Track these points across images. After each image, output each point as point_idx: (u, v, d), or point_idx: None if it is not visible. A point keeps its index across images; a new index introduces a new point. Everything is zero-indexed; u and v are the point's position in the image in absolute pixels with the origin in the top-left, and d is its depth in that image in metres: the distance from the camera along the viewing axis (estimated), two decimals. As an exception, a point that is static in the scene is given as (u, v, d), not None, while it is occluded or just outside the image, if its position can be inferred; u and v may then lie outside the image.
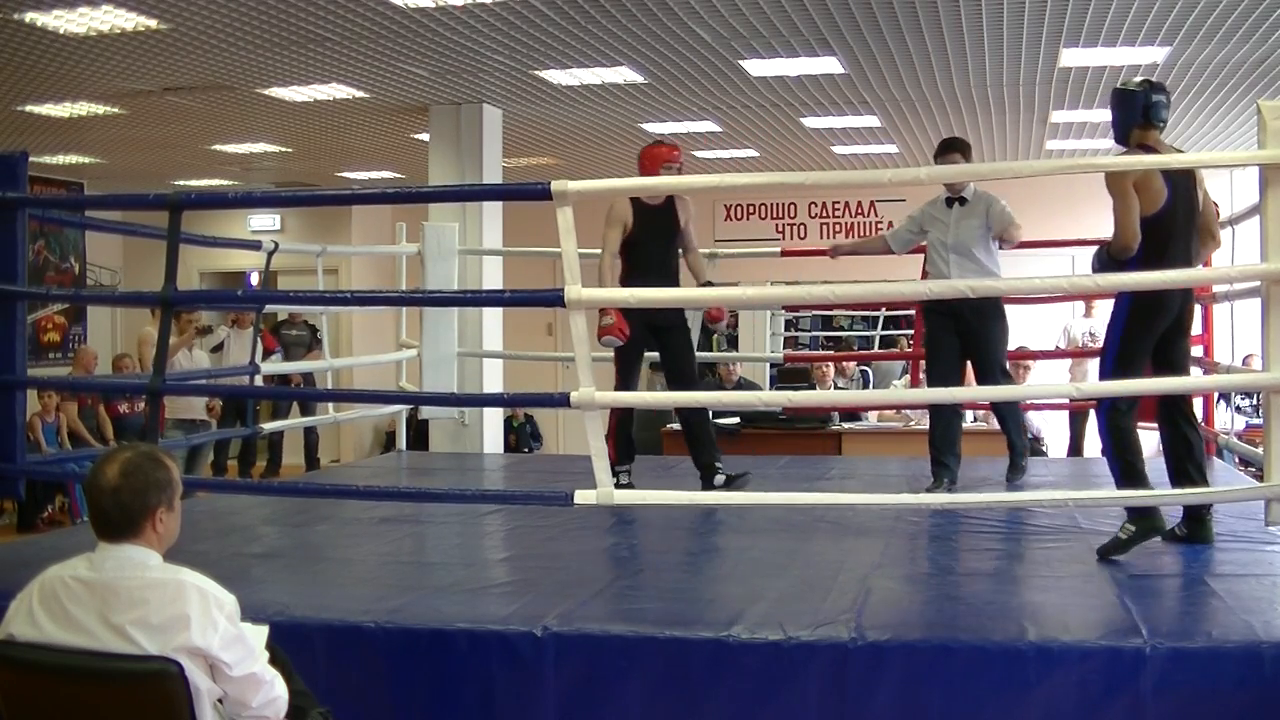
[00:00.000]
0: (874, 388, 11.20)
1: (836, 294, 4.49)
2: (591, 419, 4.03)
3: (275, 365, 10.00)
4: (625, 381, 5.90)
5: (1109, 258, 4.38)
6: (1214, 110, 10.09)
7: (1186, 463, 4.52)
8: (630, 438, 6.15)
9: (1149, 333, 4.40)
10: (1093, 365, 9.33)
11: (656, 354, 6.09)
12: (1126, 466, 4.40)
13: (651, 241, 5.77)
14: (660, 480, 6.33)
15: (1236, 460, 7.87)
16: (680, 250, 5.99)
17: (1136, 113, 4.45)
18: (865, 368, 11.76)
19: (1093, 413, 5.59)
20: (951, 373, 5.98)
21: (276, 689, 2.64)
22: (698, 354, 8.82)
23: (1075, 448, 10.47)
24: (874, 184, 11.99)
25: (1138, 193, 4.29)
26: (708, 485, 5.78)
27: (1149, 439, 6.53)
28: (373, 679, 3.60)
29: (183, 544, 2.74)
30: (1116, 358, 4.41)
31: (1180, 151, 4.56)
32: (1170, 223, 4.35)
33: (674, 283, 5.79)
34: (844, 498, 5.01)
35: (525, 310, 12.35)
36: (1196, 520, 4.56)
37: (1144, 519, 4.36)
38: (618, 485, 5.64)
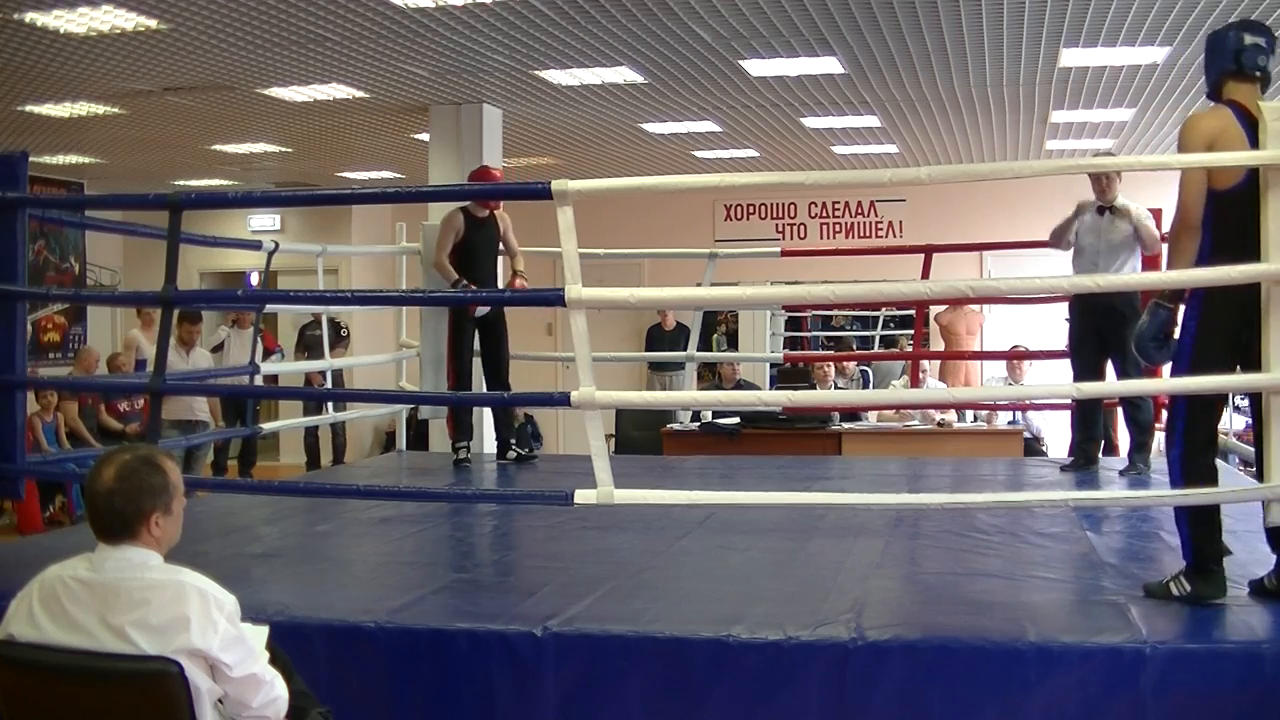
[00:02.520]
0: (874, 388, 11.20)
1: (837, 293, 4.47)
2: (591, 418, 4.02)
3: (275, 365, 9.99)
4: (459, 368, 6.98)
5: (1170, 250, 3.74)
6: (1214, 110, 10.09)
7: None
8: (468, 416, 7.28)
9: (1226, 333, 3.69)
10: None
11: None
12: (1198, 518, 3.72)
13: (480, 247, 6.95)
14: (660, 480, 6.32)
15: (1237, 461, 7.87)
16: (509, 253, 7.24)
17: (1226, 59, 3.70)
18: (865, 368, 11.76)
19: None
20: (1088, 369, 6.30)
21: (277, 689, 2.63)
22: (697, 354, 8.89)
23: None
24: (874, 183, 12.02)
25: None
26: (501, 457, 7.23)
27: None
28: (373, 679, 3.60)
29: (183, 544, 2.74)
30: (1191, 369, 3.70)
31: None
32: (1248, 201, 3.62)
33: (495, 282, 7.28)
34: (844, 498, 5.01)
35: (525, 311, 12.35)
36: None
37: (1206, 580, 3.70)
38: (458, 461, 6.86)
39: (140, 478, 2.60)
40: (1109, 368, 6.49)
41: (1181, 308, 3.79)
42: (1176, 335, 3.79)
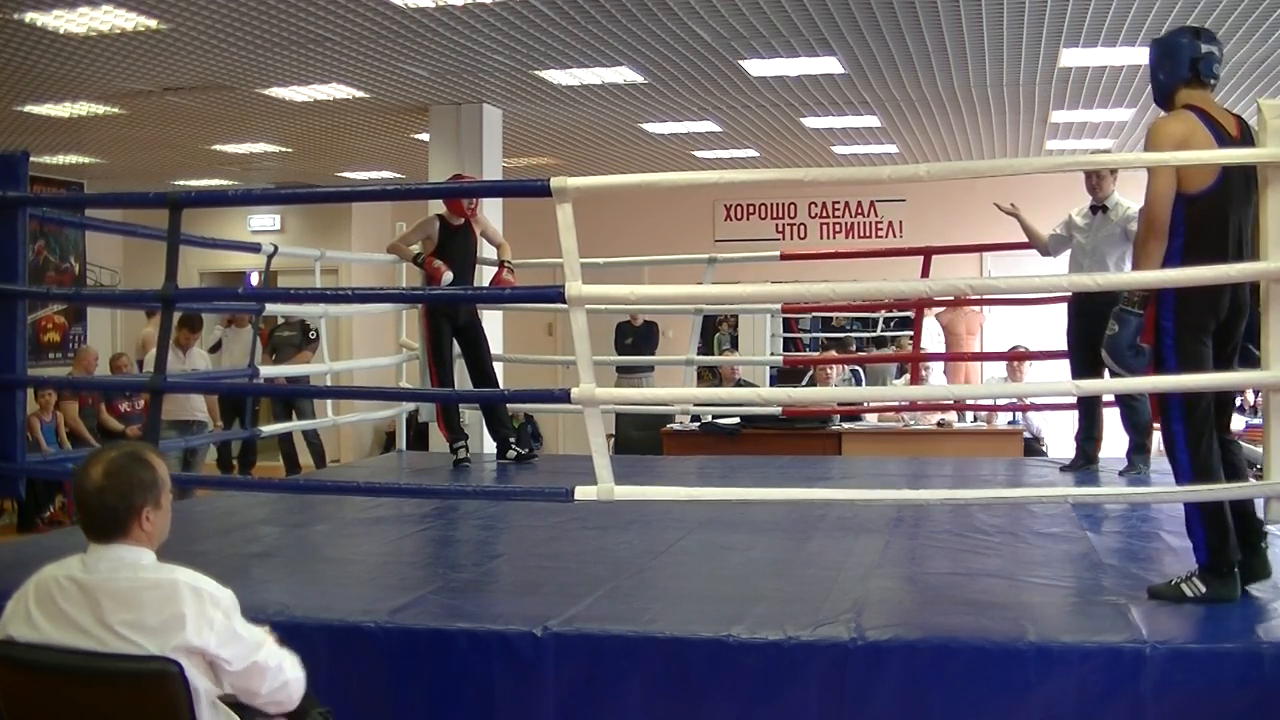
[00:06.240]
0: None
1: (837, 291, 4.47)
2: (592, 415, 4.02)
3: (275, 368, 9.97)
4: (441, 372, 7.04)
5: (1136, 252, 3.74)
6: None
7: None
8: (458, 416, 7.31)
9: (1203, 331, 3.72)
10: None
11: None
12: (1213, 518, 3.70)
13: (455, 255, 6.94)
14: (660, 479, 6.32)
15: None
16: (494, 244, 7.29)
17: (1183, 67, 3.77)
18: (856, 369, 11.72)
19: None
20: (1085, 368, 6.24)
21: (286, 673, 2.63)
22: (698, 356, 8.90)
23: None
24: (873, 180, 12.02)
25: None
26: (501, 456, 7.25)
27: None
28: (373, 679, 3.60)
29: (183, 544, 2.74)
30: (1180, 368, 3.69)
31: (1240, 119, 3.84)
32: (1219, 204, 3.67)
33: (471, 283, 7.20)
34: (844, 493, 5.00)
35: (526, 313, 12.33)
36: (1251, 549, 3.83)
37: (1222, 582, 3.69)
38: (457, 461, 6.98)
39: (129, 473, 2.59)
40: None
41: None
42: (1154, 340, 3.78)
